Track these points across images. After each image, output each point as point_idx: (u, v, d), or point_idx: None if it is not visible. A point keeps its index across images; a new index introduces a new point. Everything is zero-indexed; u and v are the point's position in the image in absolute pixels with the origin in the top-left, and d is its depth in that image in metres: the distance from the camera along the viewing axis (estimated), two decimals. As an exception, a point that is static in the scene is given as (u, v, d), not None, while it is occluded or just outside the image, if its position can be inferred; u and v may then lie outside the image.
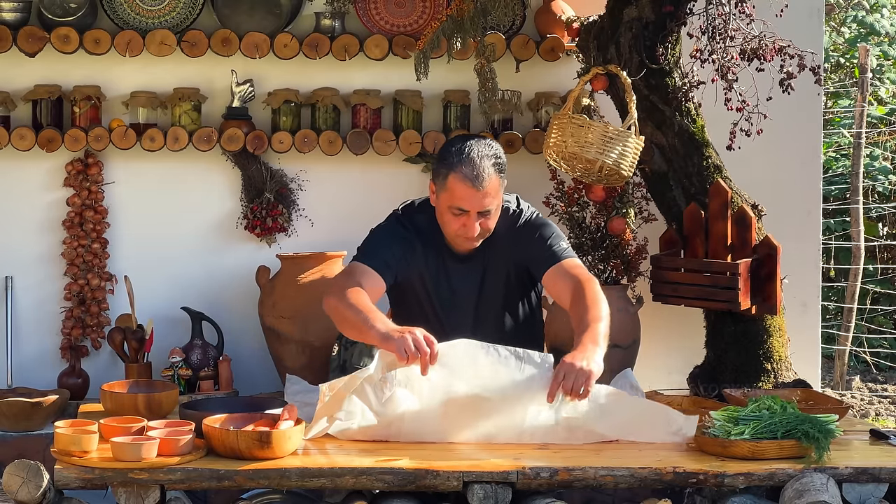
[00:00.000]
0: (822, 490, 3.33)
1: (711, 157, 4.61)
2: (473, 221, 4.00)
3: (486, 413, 3.70)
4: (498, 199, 4.04)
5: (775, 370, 4.54)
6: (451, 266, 4.17)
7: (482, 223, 4.02)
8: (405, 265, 4.13)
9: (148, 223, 5.05)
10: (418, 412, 3.68)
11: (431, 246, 4.15)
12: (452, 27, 4.68)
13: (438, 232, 4.15)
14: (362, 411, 3.69)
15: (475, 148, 4.01)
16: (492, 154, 4.02)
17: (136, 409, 3.78)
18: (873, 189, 9.38)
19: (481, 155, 3.98)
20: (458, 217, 4.01)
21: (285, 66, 4.98)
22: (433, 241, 4.15)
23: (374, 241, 4.16)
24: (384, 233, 4.17)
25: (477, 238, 4.06)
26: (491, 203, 4.00)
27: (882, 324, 9.07)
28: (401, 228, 4.17)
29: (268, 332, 4.83)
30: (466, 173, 3.95)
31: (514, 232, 4.16)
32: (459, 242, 4.10)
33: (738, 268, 4.42)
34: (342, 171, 5.05)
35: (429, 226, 4.16)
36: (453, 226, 4.03)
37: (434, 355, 3.65)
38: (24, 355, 4.97)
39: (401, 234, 4.15)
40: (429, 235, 4.15)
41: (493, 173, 3.98)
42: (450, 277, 4.17)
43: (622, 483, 3.42)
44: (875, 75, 9.67)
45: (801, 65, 4.27)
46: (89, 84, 4.93)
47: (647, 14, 4.48)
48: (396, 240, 4.13)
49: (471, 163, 3.96)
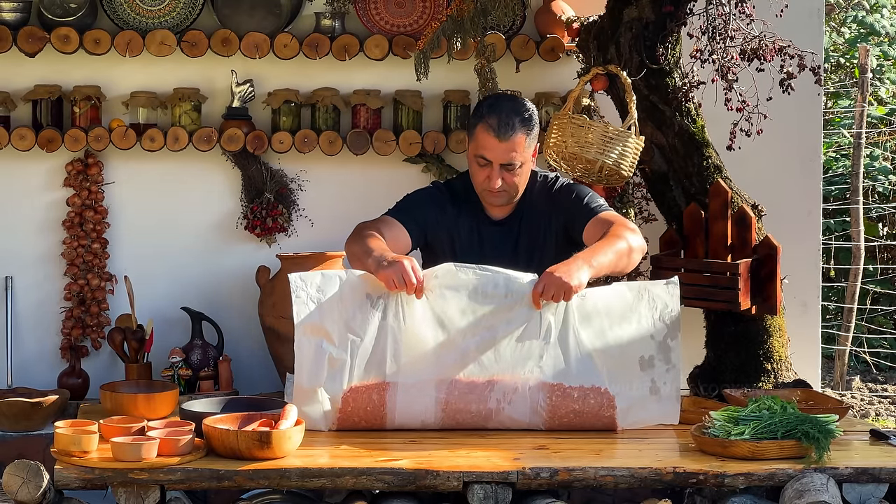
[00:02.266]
0: (822, 490, 3.33)
1: (711, 157, 4.61)
2: (496, 173, 4.12)
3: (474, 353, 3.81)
4: (524, 157, 4.14)
5: (775, 370, 4.54)
6: (484, 229, 4.27)
7: (506, 177, 4.13)
8: (435, 226, 4.25)
9: (148, 223, 5.05)
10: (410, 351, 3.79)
11: (466, 209, 4.27)
12: (452, 27, 4.68)
13: (475, 196, 4.26)
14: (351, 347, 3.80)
15: (505, 103, 4.20)
16: (521, 110, 4.16)
17: (136, 409, 3.78)
18: (873, 189, 9.38)
19: (510, 109, 4.14)
20: (483, 168, 4.15)
21: (285, 66, 4.98)
22: (468, 204, 4.28)
23: (407, 200, 4.31)
24: (418, 194, 4.33)
25: (499, 192, 4.15)
26: (515, 158, 4.11)
27: (882, 324, 9.07)
28: (436, 192, 4.33)
29: (268, 332, 4.83)
30: (492, 124, 4.10)
31: (551, 197, 4.28)
32: (486, 197, 4.21)
33: (738, 268, 4.42)
34: (342, 171, 5.05)
35: (465, 189, 4.29)
36: (479, 177, 4.17)
37: (420, 288, 3.76)
38: (24, 355, 4.97)
39: (435, 196, 4.30)
40: (464, 198, 4.29)
41: (520, 128, 4.11)
42: (482, 240, 4.26)
43: (622, 483, 3.43)
44: (875, 75, 9.67)
45: (801, 65, 4.27)
46: (89, 84, 4.93)
47: (647, 14, 4.48)
48: (429, 201, 4.28)
49: (497, 115, 4.12)
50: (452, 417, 3.83)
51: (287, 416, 3.52)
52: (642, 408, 3.92)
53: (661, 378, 3.94)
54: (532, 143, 4.17)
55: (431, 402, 3.82)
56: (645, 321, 3.93)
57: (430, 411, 3.82)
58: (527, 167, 4.19)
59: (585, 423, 3.87)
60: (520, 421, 3.86)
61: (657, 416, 3.96)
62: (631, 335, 3.92)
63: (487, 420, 3.85)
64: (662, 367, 3.94)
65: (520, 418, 3.86)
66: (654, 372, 3.93)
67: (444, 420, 3.83)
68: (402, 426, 3.82)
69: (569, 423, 3.87)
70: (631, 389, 3.90)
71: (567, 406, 3.86)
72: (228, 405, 3.77)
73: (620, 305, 3.93)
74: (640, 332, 3.93)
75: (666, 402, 3.94)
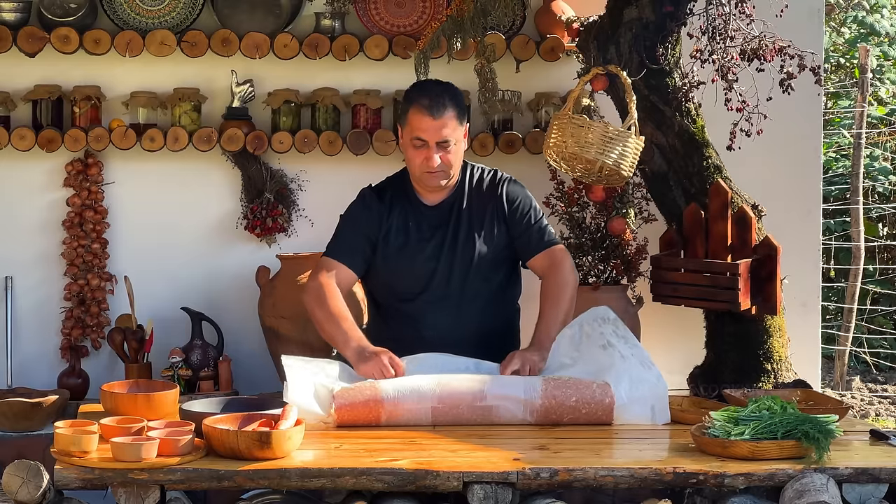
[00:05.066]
0: (822, 490, 3.33)
1: (711, 157, 4.61)
2: (433, 153, 4.16)
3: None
4: (457, 134, 4.19)
5: (775, 370, 4.54)
6: (418, 215, 4.30)
7: (443, 157, 4.17)
8: (371, 232, 4.29)
9: (148, 223, 5.05)
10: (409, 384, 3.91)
11: (397, 201, 4.30)
12: (452, 27, 4.68)
13: (409, 186, 4.31)
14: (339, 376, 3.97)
15: (433, 85, 4.26)
16: (449, 91, 4.22)
17: (136, 409, 3.77)
18: (873, 189, 9.38)
19: (440, 90, 4.20)
20: (420, 150, 4.18)
21: (285, 66, 4.98)
22: (400, 197, 4.31)
23: (342, 230, 4.32)
24: (349, 219, 4.33)
25: (437, 173, 4.19)
26: (450, 134, 4.16)
27: (882, 324, 9.07)
28: (362, 201, 4.34)
29: (268, 332, 4.83)
30: (423, 104, 4.15)
31: (496, 195, 4.31)
32: (424, 179, 4.23)
33: (738, 268, 4.42)
34: (342, 171, 5.05)
35: (396, 185, 4.33)
36: (416, 160, 4.20)
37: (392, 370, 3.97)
38: (24, 355, 4.97)
39: (362, 206, 4.32)
40: (395, 193, 4.32)
41: (451, 105, 4.17)
42: (418, 224, 4.29)
43: (622, 483, 3.42)
44: (875, 75, 9.68)
45: (801, 65, 4.27)
46: (89, 84, 4.93)
47: (647, 14, 4.48)
48: (361, 219, 4.30)
49: (428, 94, 4.17)
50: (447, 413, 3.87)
51: (287, 417, 3.52)
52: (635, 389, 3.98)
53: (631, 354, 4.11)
54: (463, 123, 4.22)
55: (427, 401, 3.85)
56: (594, 333, 4.17)
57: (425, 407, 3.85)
58: (460, 147, 4.23)
59: (581, 416, 3.89)
60: (514, 413, 3.89)
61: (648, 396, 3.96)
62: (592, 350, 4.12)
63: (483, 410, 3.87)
64: (627, 350, 4.12)
65: (513, 409, 3.89)
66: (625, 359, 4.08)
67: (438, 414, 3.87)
68: (396, 421, 3.83)
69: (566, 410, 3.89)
70: (620, 382, 3.98)
71: (563, 394, 3.90)
72: (228, 405, 3.77)
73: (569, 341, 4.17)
74: (598, 343, 4.14)
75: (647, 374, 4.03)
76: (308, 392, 3.86)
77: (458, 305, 4.28)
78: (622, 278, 4.83)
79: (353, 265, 4.26)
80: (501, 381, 3.96)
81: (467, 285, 4.28)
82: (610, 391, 3.93)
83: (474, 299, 4.29)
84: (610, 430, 3.91)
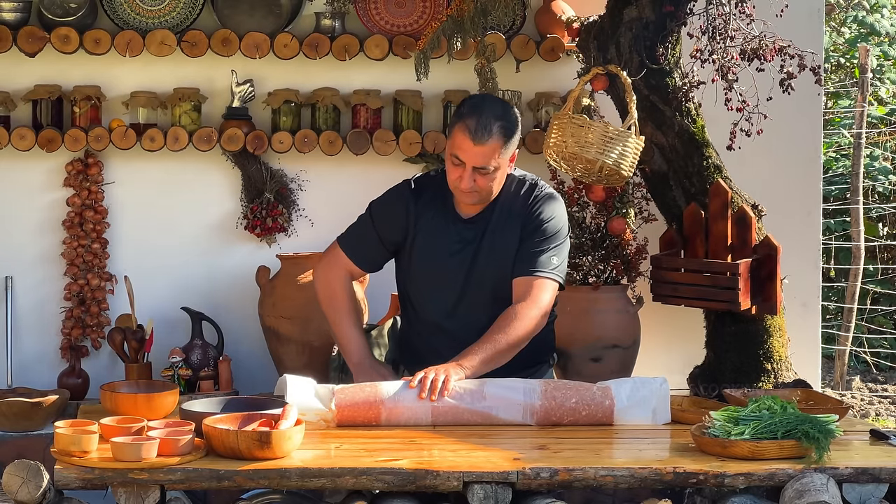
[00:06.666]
0: (822, 490, 3.33)
1: (711, 157, 4.61)
2: (468, 175, 4.01)
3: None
4: (499, 163, 4.02)
5: (775, 370, 4.54)
6: (450, 225, 4.17)
7: (478, 180, 4.02)
8: (395, 240, 4.19)
9: (148, 223, 5.05)
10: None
11: (434, 204, 4.18)
12: (452, 27, 4.68)
13: (448, 191, 4.16)
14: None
15: (487, 105, 4.06)
16: (502, 115, 4.02)
17: (136, 409, 3.77)
18: (873, 189, 9.39)
19: (490, 113, 4.00)
20: (457, 167, 4.04)
21: (285, 66, 4.98)
22: (438, 200, 4.18)
23: (364, 223, 4.24)
24: (375, 213, 4.23)
25: (470, 193, 4.05)
26: (488, 162, 4.00)
27: (882, 324, 9.07)
28: (400, 195, 4.21)
29: (268, 332, 4.83)
30: (469, 125, 3.98)
31: (528, 206, 4.15)
32: (457, 194, 4.12)
33: (738, 268, 4.42)
34: (342, 171, 5.05)
35: (440, 183, 4.18)
36: (452, 175, 4.07)
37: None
38: (24, 355, 4.97)
39: (396, 202, 4.20)
40: (437, 193, 4.18)
41: (497, 133, 3.98)
42: (449, 234, 4.17)
43: (622, 483, 3.42)
44: (875, 75, 9.68)
45: (802, 65, 4.27)
46: (89, 84, 4.93)
47: (648, 14, 4.48)
48: (385, 218, 4.20)
49: (476, 117, 3.99)
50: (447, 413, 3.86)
51: (287, 416, 3.52)
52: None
53: None
54: (510, 150, 4.04)
55: (427, 401, 3.85)
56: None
57: (425, 407, 3.85)
58: (502, 172, 4.07)
59: (580, 418, 3.90)
60: (513, 414, 3.89)
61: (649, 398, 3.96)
62: None
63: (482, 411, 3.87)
64: None
65: (513, 410, 3.88)
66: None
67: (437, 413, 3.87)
68: (396, 421, 3.83)
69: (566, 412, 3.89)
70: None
71: (563, 396, 3.90)
72: (228, 405, 3.77)
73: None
74: None
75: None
76: (308, 390, 3.86)
77: (476, 322, 4.11)
78: (622, 278, 4.83)
79: (361, 262, 4.22)
80: (501, 383, 3.95)
81: (486, 301, 4.14)
82: (610, 393, 3.93)
83: (485, 316, 4.10)
84: (610, 430, 3.91)
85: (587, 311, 4.73)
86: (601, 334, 4.70)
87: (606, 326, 4.72)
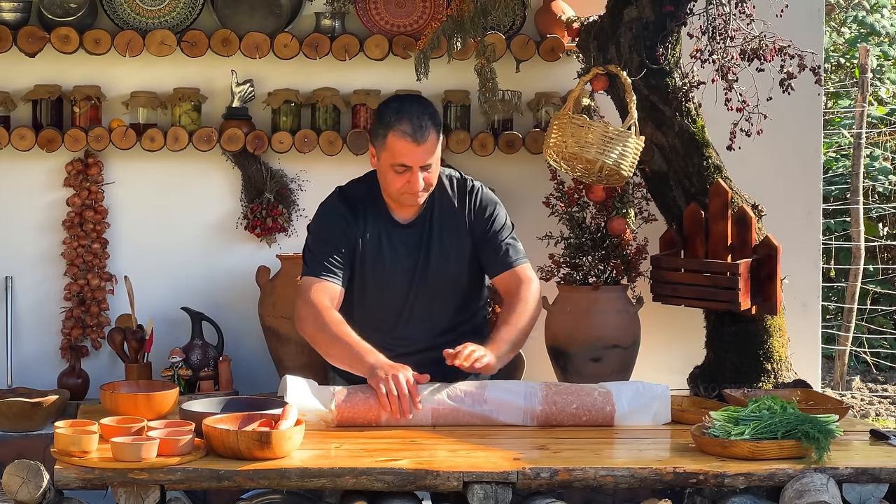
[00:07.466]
0: (822, 490, 3.33)
1: (711, 157, 4.61)
2: (417, 176, 4.05)
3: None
4: (437, 153, 4.09)
5: (775, 370, 4.54)
6: (392, 234, 4.18)
7: (425, 178, 4.07)
8: (348, 250, 4.15)
9: (148, 223, 5.05)
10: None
11: (370, 215, 4.18)
12: (452, 27, 4.68)
13: (379, 199, 4.18)
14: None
15: (412, 106, 4.09)
16: (427, 110, 4.09)
17: (136, 409, 3.77)
18: (873, 189, 9.39)
19: (418, 111, 4.05)
20: (402, 174, 4.05)
21: (285, 66, 4.98)
22: (372, 210, 4.18)
23: (317, 248, 4.15)
24: (323, 234, 4.17)
25: (421, 193, 4.10)
26: (431, 157, 4.06)
27: (882, 324, 9.07)
28: (335, 212, 4.18)
29: (268, 332, 4.83)
30: (405, 130, 4.01)
31: (466, 203, 4.20)
32: (405, 199, 4.12)
33: (738, 268, 4.42)
34: (342, 171, 5.03)
35: (370, 193, 4.20)
36: (397, 184, 4.07)
37: (411, 400, 3.82)
38: (24, 355, 4.97)
39: (334, 221, 4.16)
40: (368, 203, 4.19)
41: (431, 127, 4.04)
42: (392, 244, 4.17)
43: (622, 483, 3.42)
44: (875, 75, 9.68)
45: (802, 65, 4.27)
46: (89, 84, 4.93)
47: (648, 14, 4.48)
48: (336, 232, 4.14)
49: (408, 119, 4.02)
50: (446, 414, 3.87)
51: (287, 416, 3.52)
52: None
53: None
54: (441, 138, 4.12)
55: (427, 401, 3.85)
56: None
57: (425, 407, 3.85)
58: (438, 161, 4.13)
59: (581, 423, 3.90)
60: (514, 418, 3.89)
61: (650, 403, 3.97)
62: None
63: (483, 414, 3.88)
64: None
65: (513, 414, 3.89)
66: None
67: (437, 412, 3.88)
68: (396, 421, 3.83)
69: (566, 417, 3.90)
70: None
71: (564, 401, 3.90)
72: (228, 405, 3.77)
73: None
74: None
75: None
76: (308, 391, 3.86)
77: (428, 319, 4.19)
78: (622, 278, 4.83)
79: (337, 280, 4.10)
80: (501, 386, 3.95)
81: (439, 301, 4.20)
82: (611, 399, 3.93)
83: (445, 310, 4.22)
84: (610, 430, 3.91)
85: (587, 311, 4.72)
86: (601, 334, 4.70)
87: (606, 326, 4.72)
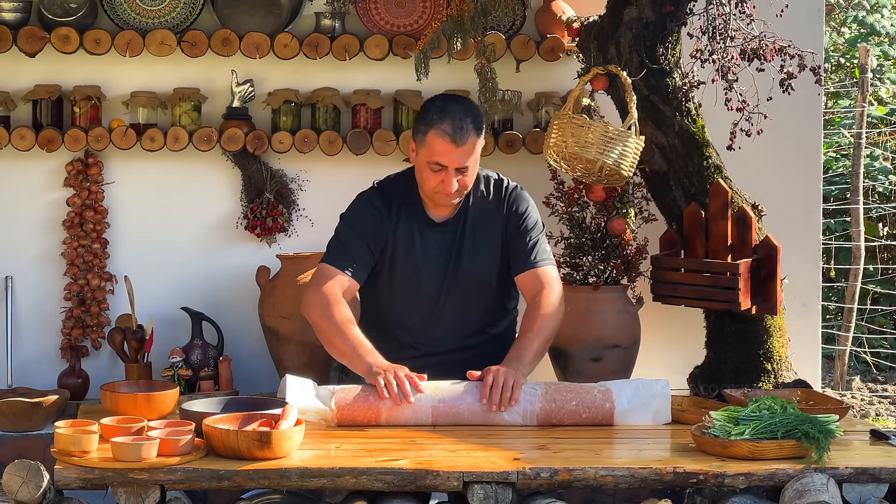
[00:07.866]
0: (822, 490, 3.33)
1: (711, 157, 4.61)
2: (451, 177, 4.07)
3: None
4: (475, 157, 4.11)
5: (775, 370, 4.54)
6: (425, 232, 4.20)
7: (460, 180, 4.09)
8: (379, 246, 4.18)
9: (148, 223, 5.05)
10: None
11: (405, 212, 4.20)
12: (452, 27, 4.68)
13: (416, 197, 4.21)
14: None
15: (455, 106, 4.11)
16: (471, 112, 4.11)
17: (136, 409, 3.78)
18: (873, 189, 9.38)
19: (461, 112, 4.08)
20: (437, 173, 4.08)
21: (285, 66, 4.98)
22: (408, 208, 4.21)
23: (344, 235, 4.19)
24: (353, 223, 4.20)
25: (455, 195, 4.11)
26: (468, 160, 4.08)
27: (882, 324, 9.07)
28: (369, 204, 4.21)
29: (268, 332, 4.83)
30: (446, 129, 4.04)
31: (502, 203, 4.24)
32: (438, 199, 4.15)
33: (738, 268, 4.42)
34: (342, 171, 5.05)
35: (404, 191, 4.22)
36: (431, 182, 4.10)
37: (408, 393, 3.85)
38: (24, 355, 4.97)
39: (369, 210, 4.19)
40: (402, 200, 4.21)
41: (472, 130, 4.07)
42: (425, 243, 4.20)
43: (622, 483, 3.42)
44: (875, 75, 9.68)
45: (802, 65, 4.27)
46: (89, 84, 4.93)
47: (648, 14, 4.48)
48: (366, 224, 4.17)
49: (450, 119, 4.05)
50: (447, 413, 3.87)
51: (287, 416, 3.52)
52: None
53: None
54: (482, 142, 4.13)
55: (427, 401, 3.86)
56: None
57: (425, 407, 3.85)
58: (476, 165, 4.15)
59: (581, 420, 3.90)
60: (513, 416, 3.89)
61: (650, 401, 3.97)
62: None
63: (483, 412, 3.88)
64: None
65: (513, 411, 3.89)
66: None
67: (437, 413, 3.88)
68: (396, 421, 3.84)
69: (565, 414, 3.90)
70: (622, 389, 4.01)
71: (563, 398, 3.91)
72: (228, 405, 3.77)
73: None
74: None
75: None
76: (308, 391, 3.86)
77: (458, 320, 4.23)
78: (622, 278, 4.83)
79: (356, 274, 4.14)
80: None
81: (469, 301, 4.23)
82: (611, 396, 3.93)
83: (474, 312, 4.25)
84: (610, 430, 3.91)
85: (587, 311, 4.72)
86: (601, 334, 4.70)
87: (606, 326, 4.72)
